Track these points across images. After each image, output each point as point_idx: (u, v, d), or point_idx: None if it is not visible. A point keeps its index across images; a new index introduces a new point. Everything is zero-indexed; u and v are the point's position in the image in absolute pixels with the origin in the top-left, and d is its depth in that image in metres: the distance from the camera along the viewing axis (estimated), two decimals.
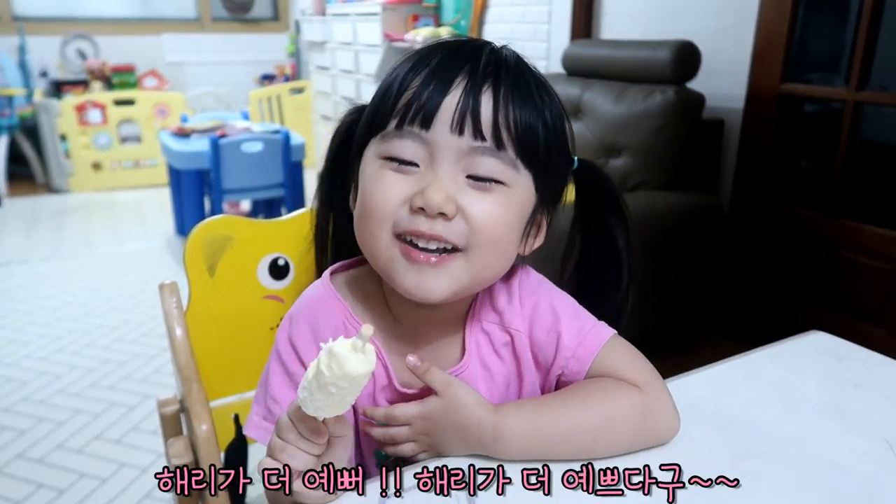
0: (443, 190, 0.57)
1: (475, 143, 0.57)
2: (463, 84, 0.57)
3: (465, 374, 0.67)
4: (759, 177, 2.33)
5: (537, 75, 0.63)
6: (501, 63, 0.60)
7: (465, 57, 0.59)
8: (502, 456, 0.61)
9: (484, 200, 0.58)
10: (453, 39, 0.62)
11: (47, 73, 4.91)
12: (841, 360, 0.79)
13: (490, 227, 0.59)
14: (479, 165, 0.58)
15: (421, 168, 0.58)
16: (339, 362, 0.47)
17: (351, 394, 0.49)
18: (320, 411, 0.50)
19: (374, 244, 0.60)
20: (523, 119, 0.58)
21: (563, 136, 0.64)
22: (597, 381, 0.64)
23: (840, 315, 2.13)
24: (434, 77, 0.58)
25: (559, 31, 3.09)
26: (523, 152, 0.59)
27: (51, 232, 3.76)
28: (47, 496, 1.67)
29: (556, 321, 0.67)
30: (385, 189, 0.59)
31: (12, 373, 2.25)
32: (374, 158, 0.60)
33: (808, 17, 2.24)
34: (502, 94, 0.58)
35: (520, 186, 0.60)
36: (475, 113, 0.57)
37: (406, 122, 0.58)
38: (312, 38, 5.22)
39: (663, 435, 0.63)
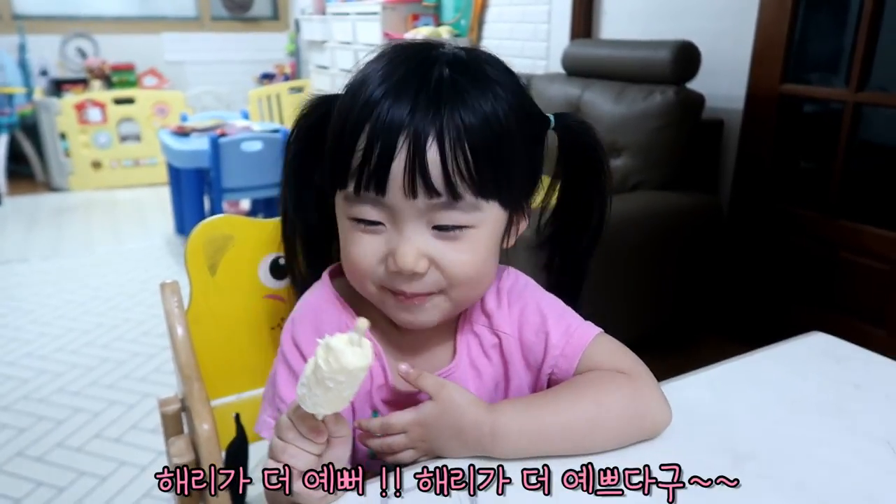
0: (411, 252, 0.58)
1: (431, 200, 0.57)
2: (407, 144, 0.56)
3: (456, 375, 0.69)
4: (758, 177, 2.33)
5: (480, 73, 0.60)
6: (442, 88, 0.57)
7: (407, 97, 0.56)
8: (501, 454, 0.61)
9: (454, 249, 0.60)
10: (395, 63, 0.60)
11: (47, 72, 4.91)
12: (841, 360, 0.80)
13: (463, 273, 0.61)
14: (441, 218, 0.59)
15: (387, 226, 0.60)
16: (336, 356, 0.48)
17: (349, 388, 0.49)
18: (319, 408, 0.50)
19: (364, 291, 0.65)
20: (476, 148, 0.57)
21: (525, 119, 0.63)
22: (587, 375, 0.66)
23: (839, 315, 2.13)
24: (379, 136, 0.56)
25: (559, 31, 3.09)
26: (483, 189, 0.58)
27: (51, 231, 3.76)
28: (47, 494, 1.67)
29: (544, 322, 0.69)
30: (359, 250, 0.62)
31: (12, 371, 2.25)
32: (343, 217, 0.62)
33: (808, 17, 2.24)
34: (448, 139, 0.56)
35: (487, 221, 0.61)
36: (424, 173, 0.56)
37: (362, 188, 0.58)
38: (312, 38, 5.23)
39: (656, 421, 0.64)
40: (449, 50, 0.61)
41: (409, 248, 0.58)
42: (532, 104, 0.65)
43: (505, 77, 0.62)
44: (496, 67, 0.62)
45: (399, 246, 0.59)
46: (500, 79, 0.61)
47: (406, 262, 0.58)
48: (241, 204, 3.79)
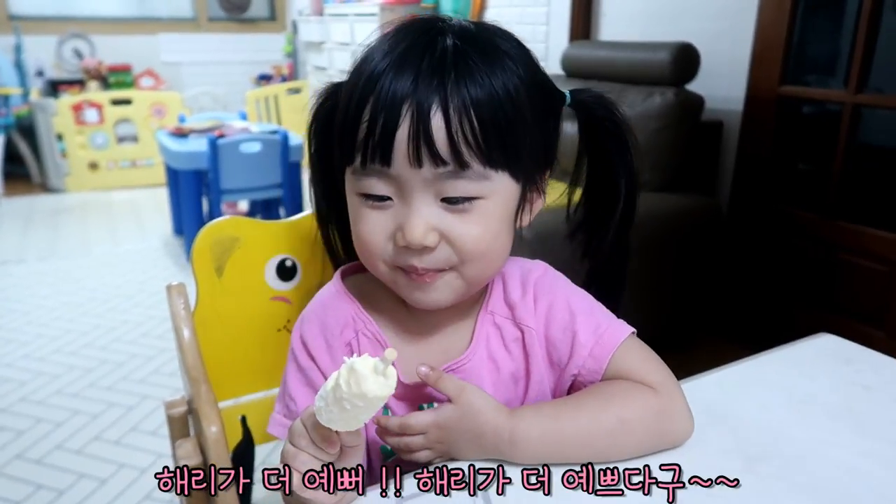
0: (420, 224, 0.57)
1: (437, 169, 0.56)
2: (410, 113, 0.55)
3: (470, 365, 0.67)
4: (757, 179, 2.34)
5: (489, 45, 0.59)
6: (447, 58, 0.56)
7: (411, 68, 0.56)
8: (518, 460, 0.61)
9: (464, 221, 0.59)
10: (400, 36, 0.59)
11: (43, 73, 4.90)
12: (850, 362, 0.80)
13: (475, 247, 0.60)
14: (449, 189, 0.57)
15: (395, 201, 0.59)
16: (357, 380, 0.47)
17: (366, 413, 0.49)
18: (332, 423, 0.50)
19: (375, 271, 0.64)
20: (483, 119, 0.56)
21: (537, 94, 0.61)
22: (612, 384, 0.64)
23: (838, 317, 2.13)
24: (382, 106, 0.56)
25: (558, 33, 3.09)
26: (490, 158, 0.57)
27: (47, 232, 3.75)
28: (47, 497, 1.66)
29: (573, 319, 0.66)
30: (368, 227, 0.61)
31: (10, 373, 2.24)
32: (352, 193, 0.62)
33: (807, 19, 2.25)
34: (452, 107, 0.55)
35: (498, 191, 0.59)
36: (429, 140, 0.55)
37: (368, 161, 0.57)
38: (310, 39, 5.22)
39: (678, 437, 0.64)
40: (456, 22, 0.61)
41: (417, 221, 0.57)
42: (545, 78, 0.64)
43: (516, 50, 0.61)
44: (507, 40, 0.61)
45: (407, 219, 0.58)
46: (511, 51, 0.60)
47: (415, 235, 0.57)
48: (240, 205, 3.78)
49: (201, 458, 0.76)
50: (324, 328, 0.69)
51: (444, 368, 0.67)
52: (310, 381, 0.68)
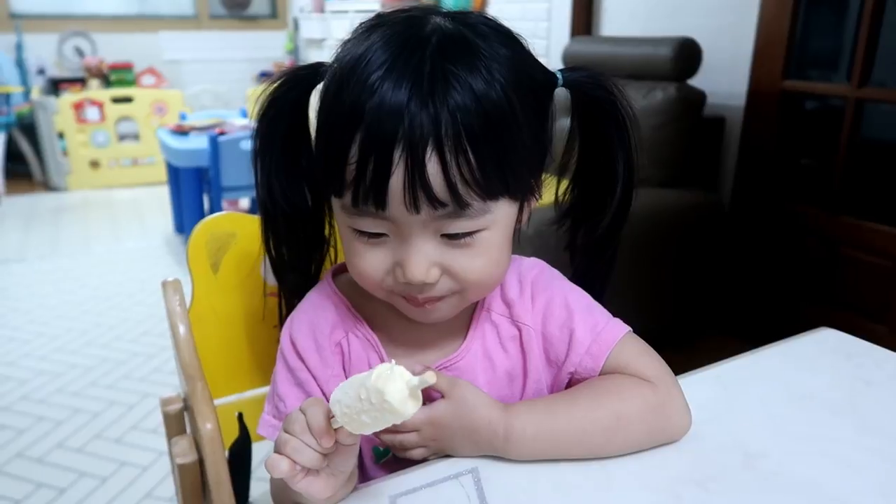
0: (421, 263, 0.55)
1: (436, 212, 0.53)
2: (404, 156, 0.51)
3: (463, 363, 0.66)
4: (760, 174, 2.33)
5: (476, 54, 0.54)
6: (437, 83, 0.51)
7: (398, 99, 0.51)
8: (513, 457, 0.60)
9: (466, 255, 0.57)
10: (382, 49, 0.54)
11: (44, 71, 4.89)
12: (851, 357, 0.79)
13: (477, 278, 0.58)
14: (448, 227, 0.55)
15: (391, 237, 0.56)
16: (385, 378, 0.45)
17: (382, 424, 0.47)
18: (343, 418, 0.48)
19: (372, 291, 0.62)
20: (480, 152, 0.51)
21: (528, 94, 0.56)
22: (608, 379, 0.64)
23: (841, 312, 2.12)
24: (373, 149, 0.51)
25: (559, 29, 3.08)
26: (490, 192, 0.54)
27: (49, 230, 3.75)
28: (48, 495, 1.66)
29: (570, 317, 0.65)
30: (365, 263, 0.58)
31: (11, 372, 2.24)
32: (344, 225, 0.59)
33: (810, 13, 2.24)
34: (448, 145, 0.51)
35: (498, 220, 0.57)
36: (426, 187, 0.51)
37: (360, 202, 0.54)
38: (311, 36, 5.22)
39: (675, 432, 0.63)
40: (439, 24, 0.55)
41: (418, 260, 0.55)
42: (534, 68, 0.60)
43: (501, 49, 0.56)
44: (491, 39, 0.56)
45: (407, 258, 0.56)
46: (497, 53, 0.55)
47: (416, 274, 0.55)
48: (241, 202, 3.78)
49: (197, 455, 0.75)
50: (313, 329, 0.68)
51: (438, 365, 0.66)
52: (299, 382, 0.67)
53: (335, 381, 0.67)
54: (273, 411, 0.68)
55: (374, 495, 0.58)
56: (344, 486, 0.56)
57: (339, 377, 0.68)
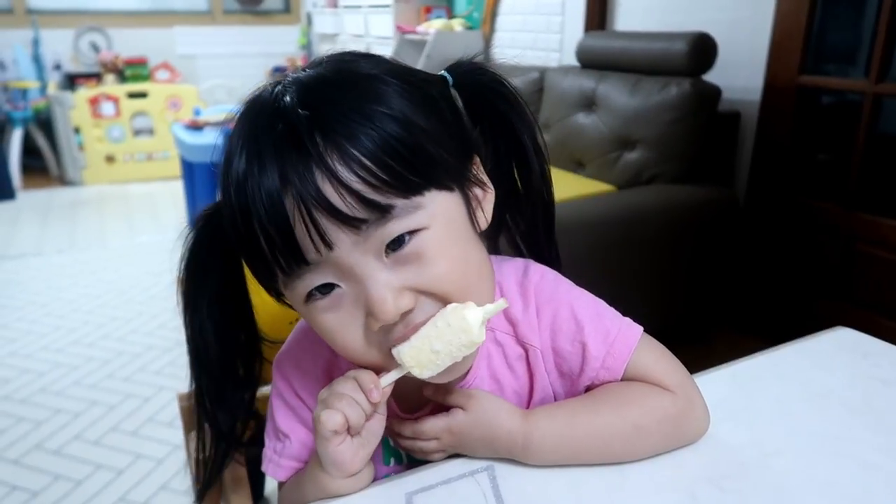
0: (386, 295, 0.50)
1: (360, 233, 0.49)
2: (296, 204, 0.48)
3: (471, 387, 0.64)
4: (775, 170, 2.31)
5: (339, 74, 0.53)
6: (300, 122, 0.49)
7: (267, 154, 0.49)
8: (531, 463, 0.60)
9: (423, 265, 0.52)
10: (242, 122, 0.53)
11: (61, 66, 4.93)
12: (868, 356, 0.78)
13: (451, 284, 0.53)
14: (383, 238, 0.50)
15: (343, 286, 0.52)
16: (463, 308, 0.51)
17: (448, 354, 0.52)
18: (412, 351, 0.52)
19: (371, 367, 0.57)
20: (375, 155, 0.49)
21: (417, 94, 0.54)
22: (628, 387, 0.62)
23: (857, 310, 2.11)
24: (266, 216, 0.49)
25: (573, 23, 3.07)
26: (410, 187, 0.50)
27: (65, 224, 3.79)
28: (64, 487, 1.68)
29: (580, 330, 0.62)
30: (340, 334, 0.54)
31: (29, 364, 2.27)
32: (301, 304, 0.54)
33: (827, 7, 2.21)
34: (337, 163, 0.48)
35: (436, 214, 0.52)
36: (335, 214, 0.48)
37: (285, 268, 0.51)
38: (324, 31, 5.22)
39: (694, 437, 0.63)
40: (293, 76, 0.53)
41: (382, 291, 0.50)
42: (413, 72, 0.57)
43: (375, 66, 0.54)
44: (362, 61, 0.55)
45: (368, 296, 0.51)
46: (370, 70, 0.54)
47: (386, 310, 0.50)
48: None
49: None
50: (307, 368, 0.67)
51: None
52: (302, 420, 0.66)
53: None
54: (277, 447, 0.67)
55: (391, 492, 0.58)
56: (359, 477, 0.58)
57: None
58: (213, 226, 0.61)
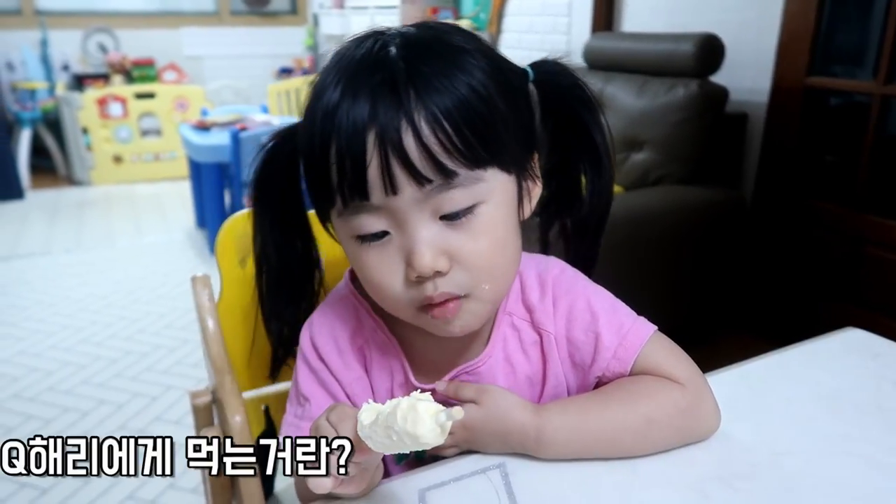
0: (426, 251, 0.54)
1: (424, 188, 0.53)
2: (377, 139, 0.52)
3: (485, 367, 0.66)
4: (783, 171, 2.31)
5: (438, 45, 0.56)
6: (399, 71, 0.53)
7: (365, 93, 0.53)
8: (543, 457, 0.61)
9: (469, 237, 0.56)
10: (344, 62, 0.56)
11: (69, 67, 4.95)
12: (878, 357, 0.78)
13: (487, 262, 0.57)
14: (442, 204, 0.54)
15: (393, 233, 0.56)
16: (415, 420, 0.46)
17: (406, 449, 0.48)
18: (369, 441, 0.49)
19: (398, 313, 0.61)
20: (454, 120, 0.52)
21: (501, 78, 0.58)
22: (639, 381, 0.63)
23: (865, 312, 2.10)
24: (347, 144, 0.53)
25: (580, 24, 3.07)
26: (476, 158, 0.54)
27: (73, 224, 3.80)
28: (73, 484, 1.69)
29: (594, 320, 0.65)
30: (377, 272, 0.58)
31: (38, 363, 2.28)
32: (347, 238, 0.59)
33: (835, 8, 2.21)
34: (420, 118, 0.52)
35: (494, 191, 0.56)
36: (406, 162, 0.52)
37: (348, 200, 0.55)
38: (331, 32, 5.23)
39: (704, 433, 0.63)
40: (396, 30, 0.58)
41: (422, 248, 0.54)
42: (503, 60, 0.61)
43: (468, 41, 0.58)
44: (455, 33, 0.58)
45: (412, 247, 0.55)
46: (464, 44, 0.57)
47: (424, 262, 0.54)
48: None
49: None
50: (334, 333, 0.68)
51: (460, 370, 0.66)
52: (323, 383, 0.68)
53: (359, 383, 0.68)
54: (297, 411, 0.68)
55: (404, 489, 0.59)
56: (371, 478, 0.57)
57: (363, 379, 0.68)
58: (284, 148, 0.66)
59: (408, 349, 0.68)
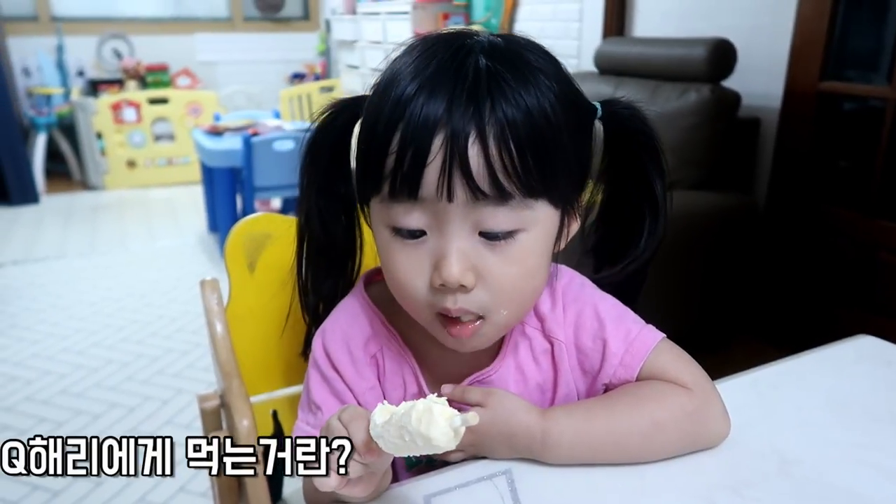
0: (456, 262, 0.54)
1: (475, 201, 0.53)
2: (445, 143, 0.51)
3: (497, 375, 0.66)
4: (795, 176, 2.29)
5: (521, 62, 0.55)
6: (481, 80, 0.52)
7: (443, 92, 0.52)
8: (550, 461, 0.60)
9: (502, 260, 0.55)
10: (427, 56, 0.55)
11: (84, 73, 5.00)
12: (890, 364, 0.77)
13: (511, 289, 0.57)
14: (486, 220, 0.54)
15: (429, 234, 0.55)
16: (429, 423, 0.45)
17: (417, 451, 0.47)
18: (381, 441, 0.49)
19: (413, 313, 0.62)
20: (522, 145, 0.52)
21: (571, 109, 0.57)
22: (646, 385, 0.63)
23: (878, 318, 2.08)
24: (414, 134, 0.52)
25: (591, 29, 3.07)
26: (531, 187, 0.53)
27: (87, 228, 3.83)
28: (85, 487, 1.70)
29: (602, 328, 0.65)
30: (402, 267, 0.58)
31: (51, 366, 2.30)
32: (382, 226, 0.58)
33: (848, 12, 2.19)
34: (491, 135, 0.51)
35: (538, 222, 0.56)
36: (466, 172, 0.51)
37: (396, 192, 0.54)
38: (342, 37, 5.26)
39: (713, 438, 0.63)
40: (484, 38, 0.56)
41: (454, 258, 0.54)
42: (578, 92, 0.60)
43: (548, 64, 0.57)
44: (537, 54, 0.57)
45: (444, 255, 0.54)
46: (543, 66, 0.56)
47: (452, 273, 0.54)
48: (273, 203, 3.82)
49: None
50: (347, 341, 0.68)
51: (472, 379, 0.66)
52: (336, 392, 0.67)
53: (371, 393, 0.68)
54: (309, 419, 0.68)
55: (409, 495, 0.59)
56: (380, 482, 0.56)
57: (375, 389, 0.68)
58: (340, 118, 0.64)
59: (421, 359, 0.68)
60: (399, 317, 0.66)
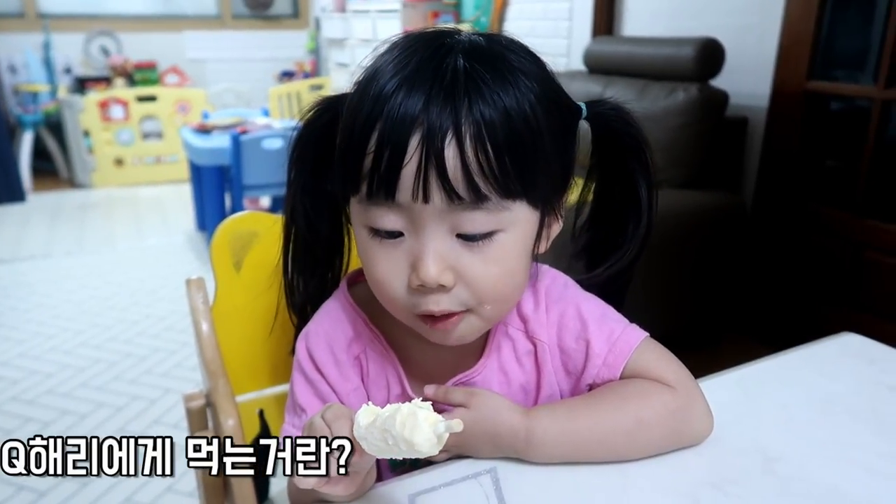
0: (434, 263, 0.54)
1: (451, 204, 0.52)
2: (421, 142, 0.51)
3: (480, 377, 0.66)
4: (783, 176, 2.30)
5: (501, 62, 0.55)
6: (459, 80, 0.52)
7: (420, 90, 0.52)
8: (534, 460, 0.60)
9: (481, 260, 0.55)
10: (407, 53, 0.55)
11: (71, 70, 4.97)
12: (874, 362, 0.78)
13: (493, 288, 0.57)
14: (463, 224, 0.53)
15: (406, 236, 0.55)
16: (413, 427, 0.46)
17: (400, 455, 0.47)
18: (364, 443, 0.49)
19: (395, 312, 0.61)
20: (499, 146, 0.51)
21: (553, 110, 0.56)
22: (629, 383, 0.63)
23: (865, 317, 2.09)
24: (390, 134, 0.52)
25: (580, 28, 3.07)
26: (508, 189, 0.53)
27: (74, 227, 3.81)
28: (71, 487, 1.69)
29: (584, 328, 0.65)
30: (381, 268, 0.57)
31: (37, 366, 2.28)
32: (361, 226, 0.58)
33: (836, 12, 2.20)
34: (467, 135, 0.51)
35: (516, 222, 0.56)
36: (442, 173, 0.51)
37: (373, 192, 0.54)
38: (332, 35, 5.25)
39: (696, 436, 0.63)
40: (465, 37, 0.56)
41: (431, 260, 0.54)
42: (561, 92, 0.60)
43: (530, 65, 0.56)
44: (520, 54, 0.57)
45: (421, 256, 0.54)
46: (524, 66, 0.55)
47: (429, 274, 0.54)
48: (262, 201, 3.81)
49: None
50: (330, 342, 0.68)
51: (456, 380, 0.66)
52: (319, 394, 0.67)
53: (355, 394, 0.67)
54: (295, 421, 0.68)
55: (394, 494, 0.59)
56: (363, 482, 0.56)
57: (359, 390, 0.68)
58: (325, 116, 0.64)
59: (405, 360, 0.68)
60: (383, 317, 0.66)
